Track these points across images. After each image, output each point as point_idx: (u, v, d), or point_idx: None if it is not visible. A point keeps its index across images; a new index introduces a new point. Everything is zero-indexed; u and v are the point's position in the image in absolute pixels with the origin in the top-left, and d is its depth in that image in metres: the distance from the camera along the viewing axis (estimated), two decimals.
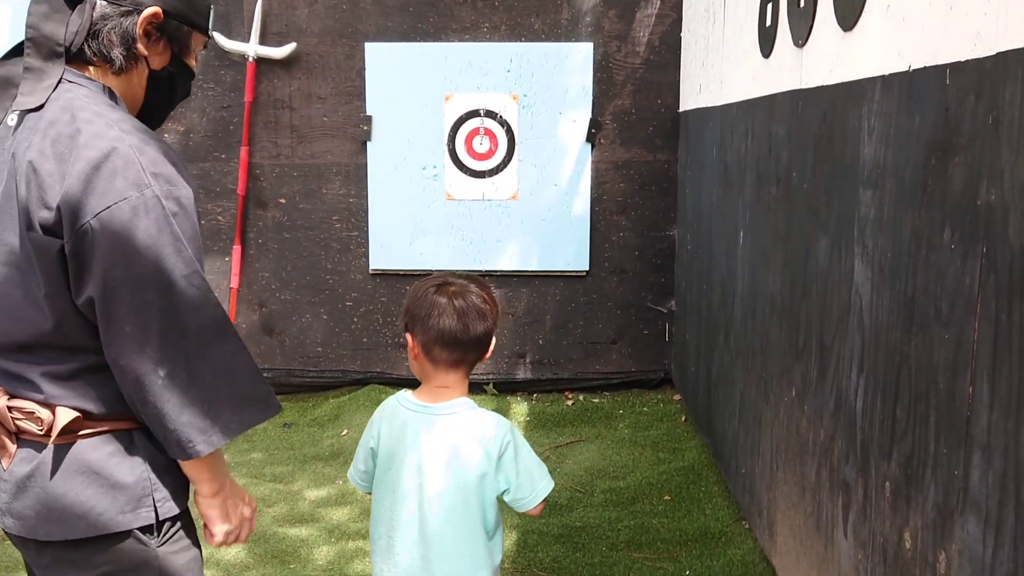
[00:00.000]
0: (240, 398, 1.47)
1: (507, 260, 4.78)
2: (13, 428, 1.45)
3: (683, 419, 4.44)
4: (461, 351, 1.82)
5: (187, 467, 1.50)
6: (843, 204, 2.17)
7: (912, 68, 1.78)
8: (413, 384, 1.96)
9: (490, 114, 4.66)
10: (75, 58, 1.48)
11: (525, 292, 4.84)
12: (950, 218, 1.61)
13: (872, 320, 1.99)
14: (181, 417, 1.42)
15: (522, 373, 4.90)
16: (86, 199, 1.35)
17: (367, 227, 4.77)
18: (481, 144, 4.69)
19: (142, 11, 1.49)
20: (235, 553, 3.15)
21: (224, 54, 4.63)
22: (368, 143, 4.71)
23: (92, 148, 1.37)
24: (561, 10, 4.61)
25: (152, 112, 1.62)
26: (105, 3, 1.47)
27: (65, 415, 1.42)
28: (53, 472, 1.44)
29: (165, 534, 1.51)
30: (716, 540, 3.20)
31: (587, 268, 4.79)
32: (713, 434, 3.82)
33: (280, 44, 4.62)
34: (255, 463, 4.02)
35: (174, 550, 1.53)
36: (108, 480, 1.45)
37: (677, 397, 4.74)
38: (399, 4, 4.61)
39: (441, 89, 4.65)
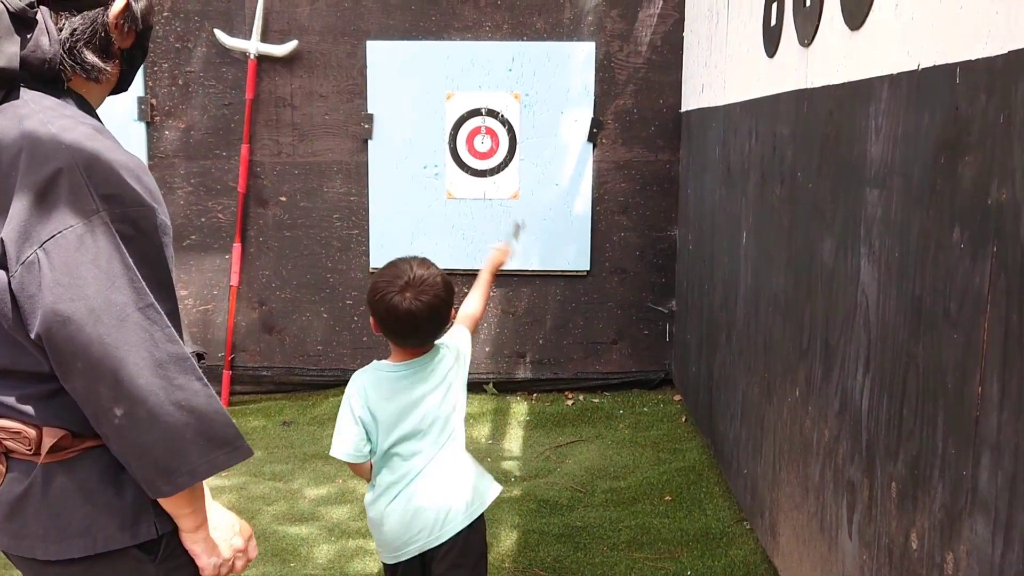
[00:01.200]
0: (207, 439, 1.34)
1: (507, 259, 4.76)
2: (1, 449, 1.36)
3: (683, 419, 4.44)
4: (416, 339, 2.15)
5: (163, 502, 1.41)
6: (849, 203, 2.17)
7: (921, 67, 1.77)
8: None
9: (491, 113, 4.65)
10: (50, 81, 1.37)
11: (526, 292, 4.83)
12: (959, 217, 1.61)
13: (879, 320, 1.98)
14: (143, 457, 1.31)
15: (522, 373, 4.89)
16: (31, 228, 1.25)
17: (368, 225, 4.76)
18: (482, 143, 4.68)
19: (109, 7, 1.40)
20: None
21: (225, 51, 4.62)
22: (369, 141, 4.70)
23: (37, 172, 1.25)
24: (563, 9, 4.60)
25: (119, 83, 1.52)
26: (71, 16, 1.37)
27: (52, 434, 1.34)
28: (47, 491, 1.36)
29: (164, 550, 1.43)
30: (717, 540, 3.20)
31: (588, 268, 4.78)
32: (714, 434, 3.81)
33: (282, 42, 4.61)
34: (255, 461, 4.00)
35: (174, 566, 1.45)
36: (104, 496, 1.38)
37: (677, 397, 4.73)
38: (401, 2, 4.60)
39: (443, 88, 4.64)
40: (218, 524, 1.48)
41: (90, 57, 1.39)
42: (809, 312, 2.47)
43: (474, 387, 4.85)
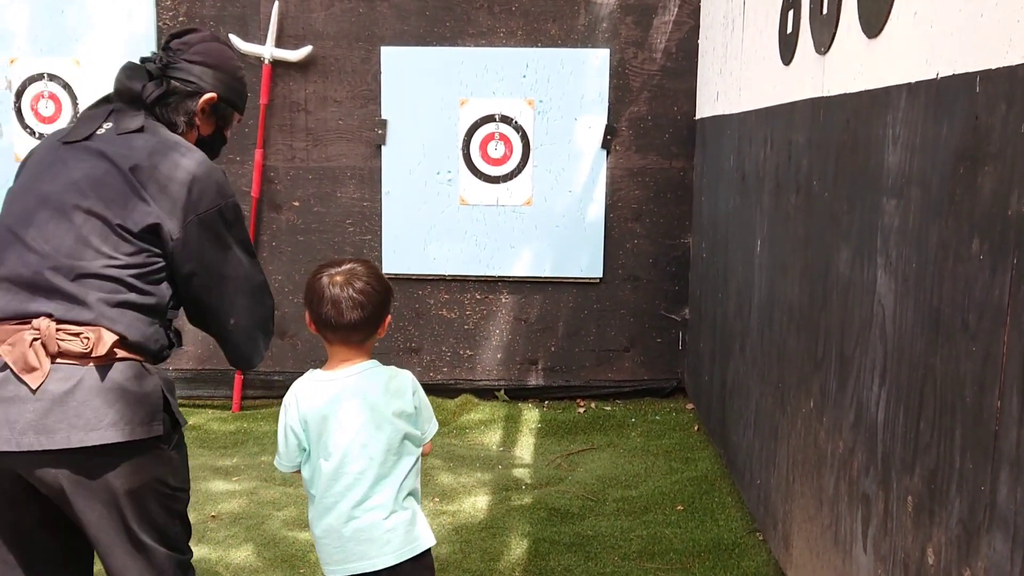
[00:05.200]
0: (265, 335, 2.15)
1: (520, 266, 4.76)
2: (55, 350, 1.75)
3: (696, 428, 4.41)
4: (342, 333, 2.03)
5: None
6: (866, 213, 2.14)
7: (940, 76, 1.75)
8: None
9: (505, 119, 4.65)
10: (146, 110, 1.99)
11: (538, 298, 4.82)
12: (979, 228, 1.58)
13: (895, 331, 1.95)
14: (241, 347, 2.10)
15: (534, 380, 4.88)
16: (189, 203, 1.90)
17: (380, 231, 4.76)
18: (496, 149, 4.67)
19: (203, 94, 2.06)
20: (244, 557, 3.13)
21: (240, 56, 4.63)
22: (383, 147, 4.70)
23: (185, 168, 1.91)
24: (578, 16, 4.59)
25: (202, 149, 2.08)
26: (177, 83, 2.03)
27: (109, 336, 1.79)
28: (92, 387, 1.77)
29: (173, 438, 1.94)
30: (729, 551, 3.17)
31: (601, 275, 4.77)
32: (727, 444, 3.78)
33: (296, 47, 4.61)
34: (265, 467, 4.00)
35: (178, 451, 1.97)
36: (133, 396, 1.81)
37: (690, 406, 4.71)
38: (416, 8, 4.61)
39: (456, 94, 4.64)
40: None
41: (174, 112, 2.04)
42: (824, 322, 2.45)
43: (485, 393, 4.85)
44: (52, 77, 4.72)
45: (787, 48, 2.82)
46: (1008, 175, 1.49)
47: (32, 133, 4.75)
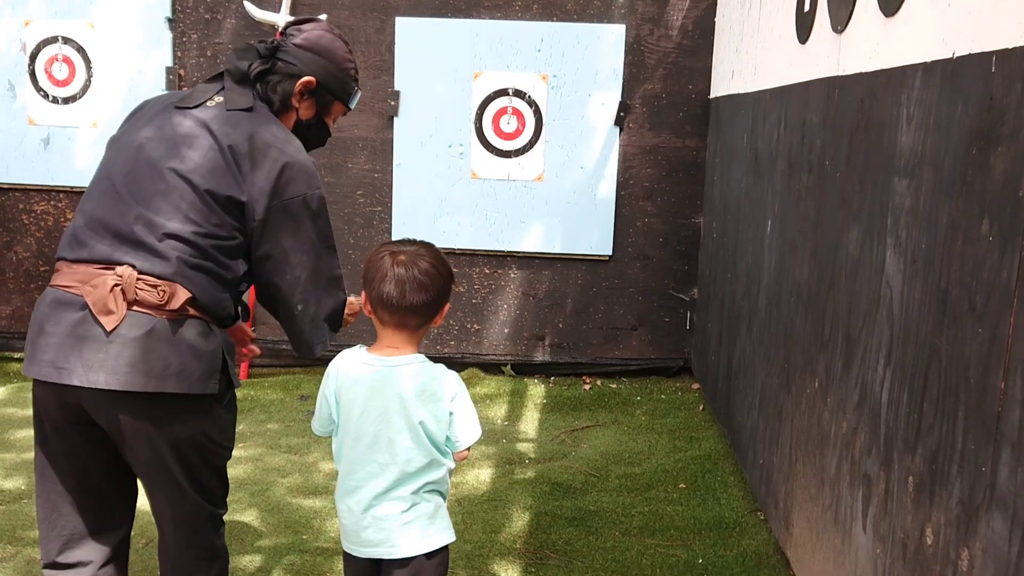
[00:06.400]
0: (332, 326, 2.15)
1: (530, 241, 4.75)
2: (133, 297, 1.86)
3: (701, 408, 4.42)
4: (400, 315, 1.96)
5: None
6: (877, 193, 2.13)
7: (956, 55, 1.73)
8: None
9: (518, 93, 4.63)
10: (251, 87, 2.09)
11: (547, 274, 4.82)
12: (989, 210, 1.57)
13: (902, 312, 1.95)
14: (304, 334, 2.12)
15: (540, 355, 4.89)
16: (276, 188, 1.98)
17: (391, 203, 4.76)
18: (508, 123, 4.66)
19: (301, 77, 2.13)
20: (249, 522, 3.16)
21: (254, 24, 4.62)
22: (395, 118, 4.69)
23: (280, 153, 1.99)
24: None
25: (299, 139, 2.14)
26: (281, 63, 2.12)
27: (183, 293, 1.90)
28: (161, 337, 1.87)
29: (226, 397, 2.03)
30: (730, 530, 3.18)
31: (610, 252, 4.76)
32: (731, 423, 3.79)
33: (311, 16, 4.59)
34: (271, 434, 4.03)
35: (228, 410, 2.06)
36: (196, 353, 1.92)
37: (696, 386, 4.71)
38: None
39: (470, 67, 4.62)
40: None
41: (272, 90, 2.11)
42: (832, 303, 2.44)
43: (491, 368, 4.86)
44: (66, 40, 4.72)
45: (803, 26, 2.79)
46: (1021, 156, 1.47)
47: (45, 96, 4.76)
